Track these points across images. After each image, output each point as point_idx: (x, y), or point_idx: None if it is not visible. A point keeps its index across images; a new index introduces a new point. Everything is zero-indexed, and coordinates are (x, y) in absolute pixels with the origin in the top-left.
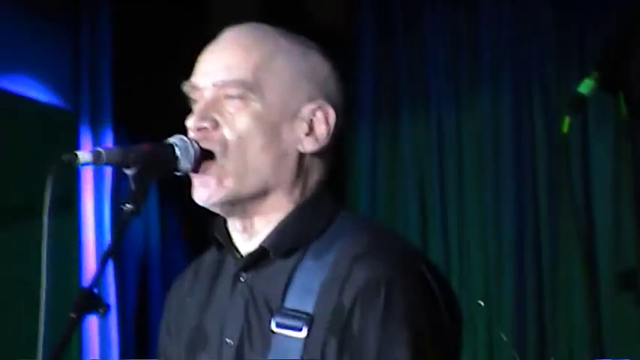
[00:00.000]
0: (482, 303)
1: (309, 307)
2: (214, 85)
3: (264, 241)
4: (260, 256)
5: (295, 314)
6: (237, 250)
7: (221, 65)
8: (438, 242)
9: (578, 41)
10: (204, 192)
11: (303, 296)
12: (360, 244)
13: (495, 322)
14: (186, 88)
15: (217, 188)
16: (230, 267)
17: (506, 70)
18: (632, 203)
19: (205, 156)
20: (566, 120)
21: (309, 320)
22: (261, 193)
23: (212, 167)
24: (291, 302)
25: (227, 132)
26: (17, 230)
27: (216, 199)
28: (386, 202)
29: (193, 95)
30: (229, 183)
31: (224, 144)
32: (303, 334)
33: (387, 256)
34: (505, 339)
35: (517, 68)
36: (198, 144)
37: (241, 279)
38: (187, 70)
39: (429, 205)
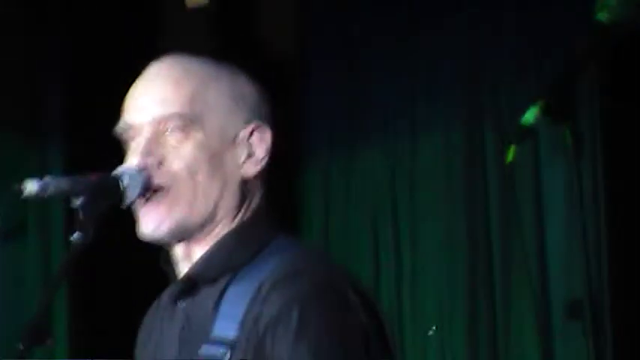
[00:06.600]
0: (434, 328)
1: (232, 334)
2: (153, 120)
3: (190, 269)
4: (190, 283)
5: (220, 341)
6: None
7: (156, 100)
8: (391, 273)
9: (535, 68)
10: (153, 222)
11: (228, 323)
12: (283, 267)
13: (448, 353)
14: (119, 128)
15: (168, 216)
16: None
17: (461, 95)
18: (579, 234)
19: (155, 191)
20: (512, 149)
21: (231, 347)
22: (209, 220)
23: (163, 198)
24: (217, 330)
25: (175, 164)
26: None
27: (166, 227)
28: (339, 234)
29: (128, 134)
30: (181, 210)
31: (173, 177)
32: None
33: (309, 279)
34: None
35: (471, 94)
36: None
37: (178, 305)
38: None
39: (382, 236)
